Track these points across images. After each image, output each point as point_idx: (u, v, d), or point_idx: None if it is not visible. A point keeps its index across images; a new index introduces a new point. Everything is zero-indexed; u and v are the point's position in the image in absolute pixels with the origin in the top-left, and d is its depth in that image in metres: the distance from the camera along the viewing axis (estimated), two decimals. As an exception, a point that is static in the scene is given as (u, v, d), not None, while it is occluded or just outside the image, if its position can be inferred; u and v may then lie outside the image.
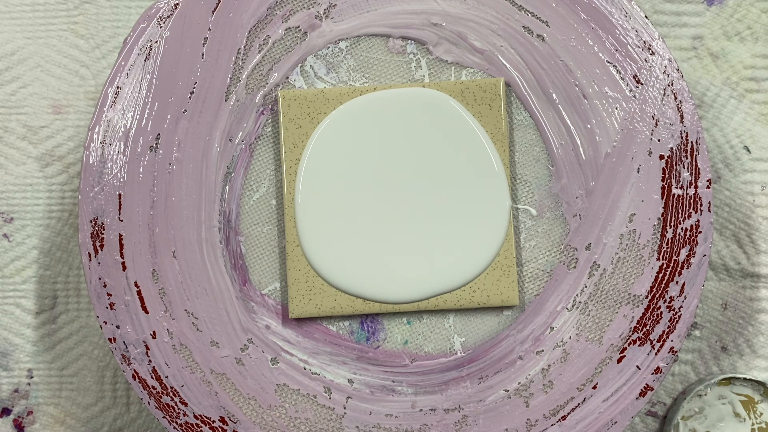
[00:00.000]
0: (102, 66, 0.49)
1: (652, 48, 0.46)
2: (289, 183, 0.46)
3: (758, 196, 0.48)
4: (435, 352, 0.47)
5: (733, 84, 0.49)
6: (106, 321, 0.45)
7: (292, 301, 0.46)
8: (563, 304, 0.46)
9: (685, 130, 0.46)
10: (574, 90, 0.46)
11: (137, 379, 0.45)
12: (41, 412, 0.49)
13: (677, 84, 0.46)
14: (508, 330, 0.46)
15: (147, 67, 0.46)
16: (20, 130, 0.49)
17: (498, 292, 0.46)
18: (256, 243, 0.47)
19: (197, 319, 0.46)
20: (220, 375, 0.46)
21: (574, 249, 0.46)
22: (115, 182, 0.46)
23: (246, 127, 0.47)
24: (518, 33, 0.47)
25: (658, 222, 0.46)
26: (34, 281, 0.49)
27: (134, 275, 0.46)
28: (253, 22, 0.47)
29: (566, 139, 0.47)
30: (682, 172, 0.46)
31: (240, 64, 0.47)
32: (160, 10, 0.46)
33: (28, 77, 0.49)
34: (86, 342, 0.49)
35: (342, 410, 0.46)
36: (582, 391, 0.46)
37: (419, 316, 0.47)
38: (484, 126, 0.46)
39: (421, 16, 0.47)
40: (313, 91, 0.46)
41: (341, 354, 0.46)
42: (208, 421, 0.46)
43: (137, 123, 0.46)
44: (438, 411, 0.46)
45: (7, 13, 0.49)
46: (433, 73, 0.47)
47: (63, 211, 0.49)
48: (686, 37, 0.49)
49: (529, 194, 0.47)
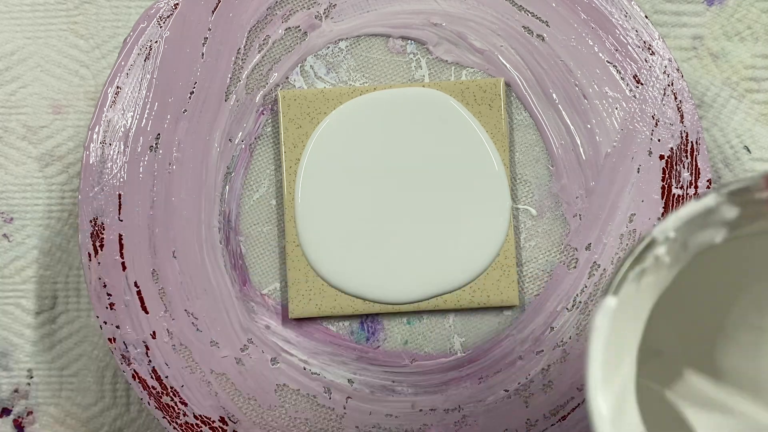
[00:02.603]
0: (102, 66, 0.49)
1: (652, 48, 0.46)
2: (289, 183, 0.46)
3: (758, 196, 0.48)
4: (435, 352, 0.47)
5: (733, 84, 0.49)
6: (106, 321, 0.45)
7: (292, 301, 0.46)
8: (563, 304, 0.46)
9: (685, 130, 0.46)
10: (574, 90, 0.46)
11: (137, 379, 0.45)
12: (41, 412, 0.49)
13: (677, 84, 0.46)
14: (508, 330, 0.46)
15: (147, 67, 0.46)
16: (20, 130, 0.49)
17: (498, 292, 0.46)
18: (256, 243, 0.47)
19: (197, 319, 0.46)
20: (220, 375, 0.46)
21: (574, 249, 0.46)
22: (115, 182, 0.46)
23: (246, 127, 0.47)
24: (518, 33, 0.47)
25: (658, 222, 0.46)
26: (34, 281, 0.49)
27: (134, 275, 0.46)
28: (253, 22, 0.47)
29: (566, 139, 0.47)
30: (682, 172, 0.46)
31: (240, 64, 0.47)
32: (160, 10, 0.46)
33: (28, 77, 0.49)
34: (86, 342, 0.49)
35: (342, 410, 0.46)
36: (582, 391, 0.46)
37: (419, 316, 0.47)
38: (484, 126, 0.46)
39: (421, 16, 0.47)
40: (313, 91, 0.46)
41: (341, 354, 0.46)
42: (208, 421, 0.46)
43: (137, 123, 0.46)
44: (438, 411, 0.46)
45: (7, 13, 0.49)
46: (433, 73, 0.47)
47: (63, 211, 0.49)
48: (686, 37, 0.49)
49: (529, 194, 0.47)
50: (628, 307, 0.29)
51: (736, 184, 0.28)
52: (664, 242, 0.29)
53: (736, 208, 0.29)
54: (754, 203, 0.29)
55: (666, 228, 0.28)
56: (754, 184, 0.28)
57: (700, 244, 0.29)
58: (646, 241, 0.28)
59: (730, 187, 0.28)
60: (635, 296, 0.30)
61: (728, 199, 0.28)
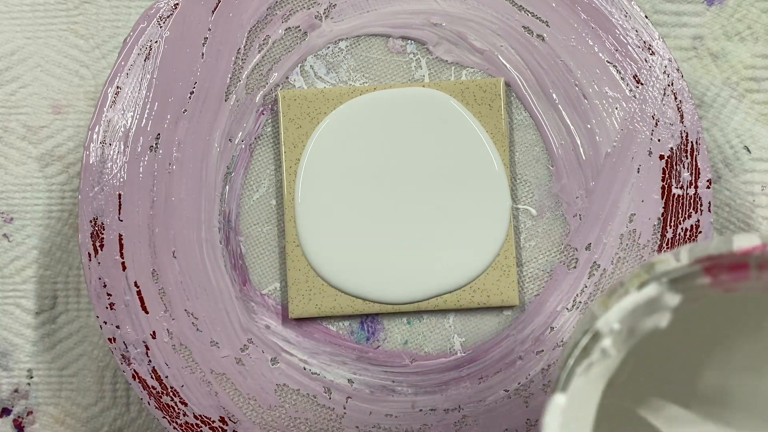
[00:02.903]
0: (102, 66, 0.49)
1: (652, 48, 0.46)
2: (289, 183, 0.46)
3: (758, 196, 0.48)
4: (435, 352, 0.47)
5: (733, 84, 0.49)
6: (106, 321, 0.45)
7: (292, 301, 0.46)
8: (563, 304, 0.46)
9: (685, 130, 0.46)
10: (574, 90, 0.46)
11: (137, 379, 0.45)
12: (41, 412, 0.49)
13: (677, 84, 0.46)
14: (508, 330, 0.46)
15: (147, 67, 0.46)
16: (20, 130, 0.49)
17: (498, 292, 0.46)
18: (256, 243, 0.47)
19: (197, 319, 0.46)
20: (220, 375, 0.46)
21: (574, 249, 0.46)
22: (115, 182, 0.46)
23: (246, 127, 0.47)
24: (518, 33, 0.47)
25: (658, 222, 0.46)
26: (34, 281, 0.49)
27: (134, 275, 0.46)
28: (253, 22, 0.47)
29: (566, 139, 0.47)
30: (682, 172, 0.46)
31: (240, 64, 0.47)
32: (160, 10, 0.46)
33: (28, 77, 0.49)
34: (86, 342, 0.49)
35: (342, 410, 0.46)
36: (582, 391, 0.46)
37: (419, 316, 0.47)
38: (484, 126, 0.46)
39: (421, 16, 0.47)
40: (313, 91, 0.46)
41: (341, 354, 0.46)
42: (208, 421, 0.46)
43: (137, 123, 0.46)
44: (438, 411, 0.46)
45: (7, 13, 0.49)
46: (433, 73, 0.47)
47: (63, 211, 0.49)
48: (686, 37, 0.49)
49: (529, 194, 0.47)
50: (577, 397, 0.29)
51: (675, 272, 0.29)
52: (609, 334, 0.29)
53: (678, 295, 0.29)
54: (696, 288, 0.29)
55: (609, 320, 0.28)
56: (694, 272, 0.28)
57: (645, 329, 0.29)
58: (589, 335, 0.28)
59: (670, 275, 0.28)
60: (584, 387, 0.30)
61: (670, 288, 0.29)
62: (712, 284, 0.29)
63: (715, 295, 0.29)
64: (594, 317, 0.30)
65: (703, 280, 0.29)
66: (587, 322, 0.29)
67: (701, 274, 0.29)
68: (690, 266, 0.29)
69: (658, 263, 0.30)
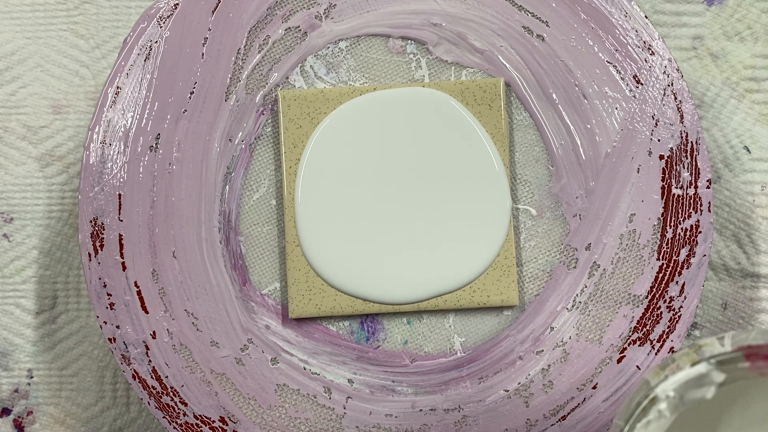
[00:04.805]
0: (102, 66, 0.49)
1: (652, 48, 0.46)
2: (289, 183, 0.46)
3: (758, 196, 0.48)
4: (435, 352, 0.47)
5: (733, 84, 0.49)
6: (106, 321, 0.45)
7: (292, 301, 0.46)
8: (563, 304, 0.46)
9: (685, 130, 0.46)
10: (574, 90, 0.46)
11: (137, 379, 0.45)
12: (41, 412, 0.49)
13: (677, 84, 0.46)
14: (508, 330, 0.46)
15: (147, 67, 0.46)
16: (20, 130, 0.49)
17: (498, 292, 0.46)
18: (256, 243, 0.47)
19: (197, 319, 0.46)
20: (220, 375, 0.46)
21: (574, 249, 0.46)
22: (115, 182, 0.46)
23: (246, 127, 0.47)
24: (518, 33, 0.47)
25: (658, 222, 0.46)
26: (34, 281, 0.49)
27: (134, 275, 0.46)
28: (253, 22, 0.47)
29: (566, 139, 0.47)
30: (682, 172, 0.46)
31: (240, 64, 0.47)
32: (160, 10, 0.46)
33: (28, 77, 0.49)
34: (86, 342, 0.49)
35: (342, 410, 0.46)
36: (582, 391, 0.46)
37: (419, 316, 0.47)
38: (484, 126, 0.46)
39: (421, 16, 0.47)
40: (313, 91, 0.46)
41: (341, 354, 0.46)
42: (208, 421, 0.46)
43: (137, 123, 0.46)
44: (438, 411, 0.46)
45: (7, 13, 0.49)
46: (433, 73, 0.47)
47: (63, 211, 0.49)
48: (686, 37, 0.49)
49: (529, 194, 0.47)
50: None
51: (723, 356, 0.36)
52: (665, 399, 0.36)
53: (723, 374, 0.36)
54: (737, 370, 0.36)
55: (666, 388, 0.36)
56: (736, 357, 0.36)
57: (693, 398, 0.36)
58: (649, 398, 0.36)
59: (717, 358, 0.36)
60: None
61: (717, 368, 0.36)
62: (750, 368, 0.36)
63: (752, 376, 0.36)
64: (648, 384, 0.37)
65: (743, 364, 0.36)
66: (643, 386, 0.37)
67: (742, 359, 0.36)
68: (733, 352, 0.36)
69: (705, 346, 0.37)
